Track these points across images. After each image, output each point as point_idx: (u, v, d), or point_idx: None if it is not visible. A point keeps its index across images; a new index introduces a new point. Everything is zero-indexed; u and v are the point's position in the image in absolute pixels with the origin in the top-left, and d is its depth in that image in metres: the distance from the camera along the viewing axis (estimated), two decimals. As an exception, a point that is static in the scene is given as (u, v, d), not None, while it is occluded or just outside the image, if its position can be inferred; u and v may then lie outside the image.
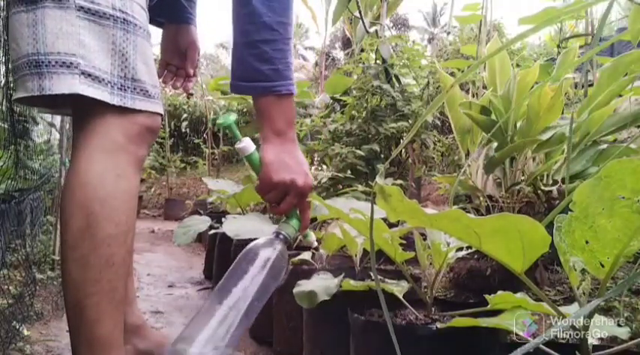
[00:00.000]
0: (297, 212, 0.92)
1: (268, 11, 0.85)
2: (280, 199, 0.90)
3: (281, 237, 0.88)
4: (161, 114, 0.91)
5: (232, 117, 0.90)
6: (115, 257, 0.85)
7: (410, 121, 2.28)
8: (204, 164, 6.26)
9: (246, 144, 0.89)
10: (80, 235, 0.83)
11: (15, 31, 0.83)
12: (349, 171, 2.27)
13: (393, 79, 2.44)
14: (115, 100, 0.84)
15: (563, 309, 0.69)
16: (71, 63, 0.81)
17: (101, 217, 0.83)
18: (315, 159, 2.67)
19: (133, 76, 0.86)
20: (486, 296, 0.82)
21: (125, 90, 0.86)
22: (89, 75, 0.82)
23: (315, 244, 1.10)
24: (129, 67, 0.86)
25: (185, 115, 7.55)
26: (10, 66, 0.89)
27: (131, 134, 0.86)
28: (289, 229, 0.89)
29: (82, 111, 0.86)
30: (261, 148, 0.90)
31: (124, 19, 0.86)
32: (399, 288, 0.98)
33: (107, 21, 0.84)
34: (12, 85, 0.90)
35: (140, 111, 0.87)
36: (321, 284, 1.09)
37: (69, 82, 0.81)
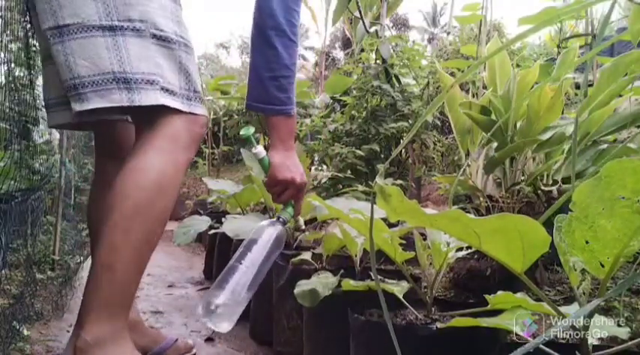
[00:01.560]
0: (293, 202, 1.20)
1: (288, 55, 1.12)
2: (282, 192, 1.18)
3: (281, 219, 1.16)
4: (207, 116, 1.11)
5: (251, 129, 1.19)
6: (154, 235, 1.03)
7: (410, 121, 2.28)
8: (204, 164, 6.25)
9: (260, 150, 1.17)
10: (137, 210, 0.99)
11: (89, 51, 0.98)
12: (349, 171, 2.27)
13: (393, 79, 2.43)
14: (185, 108, 1.05)
15: (563, 309, 0.69)
16: (153, 81, 1.01)
17: (157, 199, 1.02)
18: (315, 159, 2.67)
19: (194, 88, 1.08)
20: (486, 296, 0.82)
21: (190, 99, 1.07)
22: (166, 90, 1.03)
23: (303, 227, 1.39)
24: (191, 81, 1.08)
25: (185, 115, 7.52)
26: (75, 80, 1.01)
27: (192, 137, 1.07)
28: (286, 214, 1.19)
29: (150, 119, 1.05)
30: (269, 153, 1.17)
31: (184, 44, 1.07)
32: (399, 288, 0.98)
33: (173, 45, 1.05)
34: (78, 94, 1.02)
35: (198, 116, 1.08)
36: (322, 282, 1.09)
37: (153, 95, 1.01)
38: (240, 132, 1.17)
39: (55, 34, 1.00)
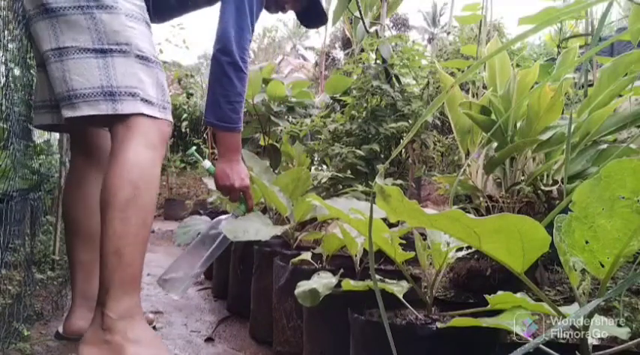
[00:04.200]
0: (245, 199, 1.56)
1: (240, 84, 1.43)
2: (228, 193, 1.54)
3: (234, 216, 1.55)
4: (172, 122, 1.34)
5: (193, 148, 1.62)
6: (148, 220, 1.24)
7: (410, 121, 2.27)
8: (204, 164, 6.24)
9: (206, 162, 1.56)
10: (127, 202, 1.19)
11: (83, 69, 1.20)
12: (349, 171, 2.27)
13: (393, 79, 2.43)
14: (161, 115, 1.28)
15: (563, 309, 0.69)
16: (135, 93, 1.23)
17: (143, 191, 1.21)
18: (315, 159, 2.67)
19: (167, 100, 1.31)
20: (486, 296, 0.82)
21: (165, 108, 1.30)
22: (146, 100, 1.25)
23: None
24: (165, 94, 1.31)
25: (185, 115, 7.52)
26: (70, 92, 1.22)
27: (161, 138, 1.29)
28: (239, 211, 1.56)
29: (129, 124, 1.24)
30: (217, 162, 1.51)
31: (159, 63, 1.31)
32: (399, 288, 0.98)
33: (152, 64, 1.28)
34: (75, 103, 1.23)
35: (168, 121, 1.31)
36: (322, 282, 1.09)
37: (134, 105, 1.22)
38: (187, 152, 1.46)
39: (55, 53, 1.21)
